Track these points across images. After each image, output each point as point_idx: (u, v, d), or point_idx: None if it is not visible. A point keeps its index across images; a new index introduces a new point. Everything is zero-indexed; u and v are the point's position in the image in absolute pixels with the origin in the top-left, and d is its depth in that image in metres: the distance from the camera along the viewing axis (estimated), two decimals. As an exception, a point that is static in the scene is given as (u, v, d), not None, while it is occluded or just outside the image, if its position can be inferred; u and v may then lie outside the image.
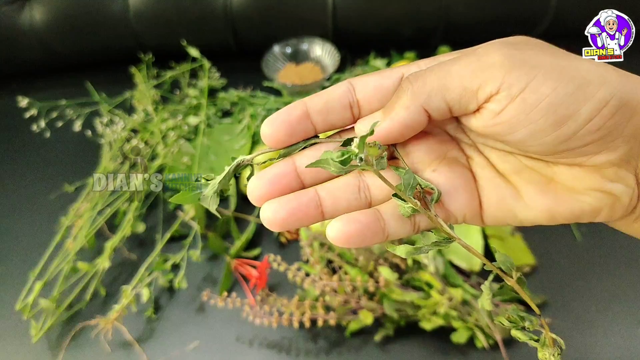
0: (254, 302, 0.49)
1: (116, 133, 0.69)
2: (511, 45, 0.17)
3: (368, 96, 0.20)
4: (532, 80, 0.16)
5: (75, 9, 0.83)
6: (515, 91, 0.16)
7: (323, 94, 0.20)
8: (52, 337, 0.52)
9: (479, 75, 0.17)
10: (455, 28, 0.84)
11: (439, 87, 0.17)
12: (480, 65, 0.17)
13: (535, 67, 0.16)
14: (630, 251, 0.54)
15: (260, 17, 0.84)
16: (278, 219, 0.20)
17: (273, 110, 0.74)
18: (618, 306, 0.49)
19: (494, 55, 0.17)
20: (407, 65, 0.21)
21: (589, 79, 0.16)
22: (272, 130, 0.20)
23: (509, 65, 0.16)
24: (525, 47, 0.17)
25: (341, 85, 0.20)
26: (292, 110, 0.20)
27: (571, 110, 0.16)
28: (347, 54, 0.84)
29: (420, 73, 0.18)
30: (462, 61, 0.17)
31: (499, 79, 0.16)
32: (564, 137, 0.17)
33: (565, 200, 0.19)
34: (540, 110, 0.16)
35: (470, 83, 0.17)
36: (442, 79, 0.17)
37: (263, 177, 0.20)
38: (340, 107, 0.20)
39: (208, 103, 0.76)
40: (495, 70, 0.16)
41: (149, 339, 0.51)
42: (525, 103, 0.16)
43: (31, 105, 0.74)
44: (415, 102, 0.18)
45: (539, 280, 0.52)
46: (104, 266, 0.53)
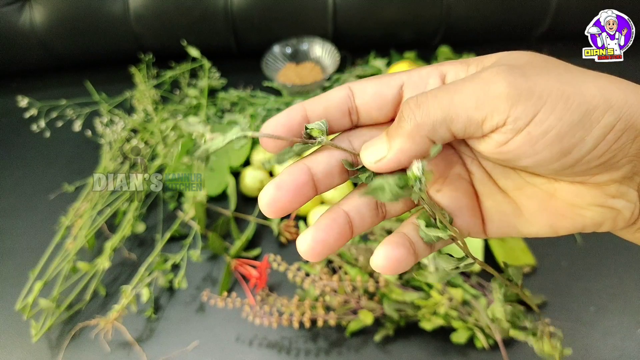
0: (254, 302, 0.49)
1: (116, 133, 0.69)
2: (517, 70, 0.16)
3: (367, 103, 0.20)
4: (539, 113, 0.16)
5: (75, 9, 0.83)
6: (521, 125, 0.16)
7: (322, 99, 0.20)
8: (52, 337, 0.52)
9: (484, 107, 0.16)
10: (456, 28, 0.84)
11: (443, 118, 0.17)
12: (486, 96, 0.16)
13: (541, 98, 0.16)
14: (629, 252, 0.54)
15: (260, 17, 0.84)
16: (324, 251, 0.19)
17: (273, 110, 0.74)
18: (617, 307, 0.49)
19: (500, 85, 0.16)
20: (408, 73, 0.20)
21: (594, 105, 0.16)
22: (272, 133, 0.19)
23: (515, 97, 0.16)
24: (531, 70, 0.16)
25: (341, 90, 0.20)
26: (292, 115, 0.19)
27: (577, 139, 0.16)
28: (347, 54, 0.84)
29: (422, 100, 0.17)
30: (467, 89, 0.17)
31: (504, 112, 0.16)
32: (569, 164, 0.17)
33: (567, 216, 0.19)
34: (546, 142, 0.16)
35: (475, 114, 0.16)
36: (446, 110, 0.17)
37: (282, 187, 0.19)
38: (339, 114, 0.20)
39: (208, 103, 0.76)
40: (501, 103, 0.16)
41: (149, 339, 0.51)
42: (531, 136, 0.16)
43: (31, 105, 0.74)
44: (420, 133, 0.17)
45: (539, 281, 0.52)
46: (104, 266, 0.53)
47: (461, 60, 0.20)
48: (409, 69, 0.20)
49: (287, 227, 0.58)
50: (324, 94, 0.20)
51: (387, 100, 0.20)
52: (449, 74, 0.20)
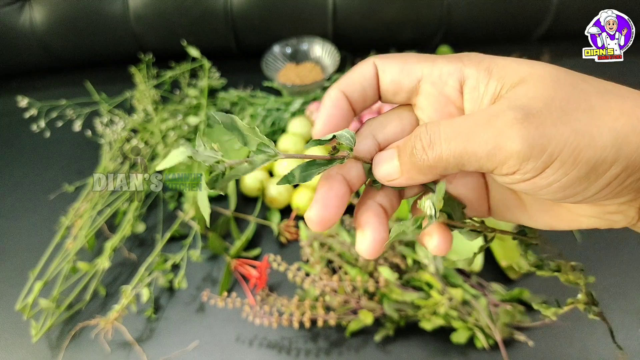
0: (254, 302, 0.49)
1: (116, 133, 0.69)
2: (533, 119, 0.16)
3: (384, 87, 0.21)
4: (547, 169, 0.16)
5: (75, 9, 0.83)
6: (528, 177, 0.17)
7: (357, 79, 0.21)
8: (52, 337, 0.52)
9: (495, 159, 0.17)
10: (456, 28, 0.84)
11: (455, 163, 0.17)
12: (499, 151, 0.16)
13: (552, 156, 0.16)
14: (630, 251, 0.54)
15: (260, 17, 0.84)
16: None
17: (273, 110, 0.74)
18: (619, 306, 0.49)
19: (514, 143, 0.16)
20: (431, 66, 0.20)
21: (603, 158, 0.16)
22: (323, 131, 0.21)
23: (526, 154, 0.16)
24: (548, 116, 0.16)
25: (369, 67, 0.21)
26: (338, 104, 0.21)
27: (580, 189, 0.17)
28: (347, 54, 0.84)
29: (435, 139, 0.18)
30: (480, 138, 0.17)
31: (514, 167, 0.16)
32: (572, 201, 0.18)
33: (566, 219, 0.21)
34: (550, 190, 0.17)
35: (486, 164, 0.17)
36: (458, 157, 0.17)
37: (328, 205, 0.20)
38: (372, 92, 0.21)
39: (208, 103, 0.76)
40: (513, 160, 0.16)
41: (149, 339, 0.51)
42: (536, 185, 0.17)
43: (31, 105, 0.74)
44: (432, 172, 0.18)
45: (538, 280, 0.52)
46: (104, 266, 0.53)
47: (485, 63, 0.19)
48: (431, 60, 0.20)
49: (287, 227, 0.58)
50: (354, 74, 0.21)
51: (402, 89, 0.21)
52: (469, 82, 0.19)
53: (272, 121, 0.73)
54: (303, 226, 0.58)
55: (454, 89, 0.20)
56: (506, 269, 0.52)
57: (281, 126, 0.72)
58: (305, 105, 0.74)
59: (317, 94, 0.76)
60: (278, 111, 0.74)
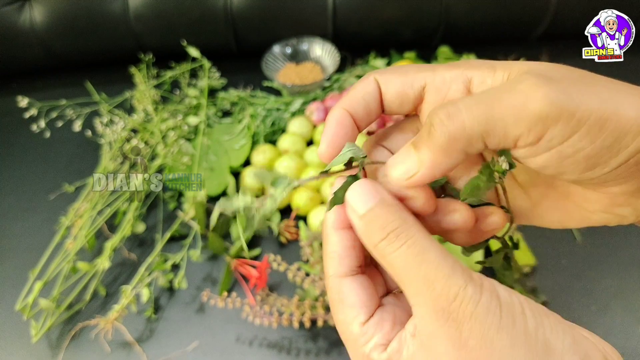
0: (254, 302, 0.49)
1: (116, 133, 0.69)
2: (557, 85, 0.16)
3: (389, 100, 0.21)
4: (574, 135, 0.16)
5: (75, 9, 0.83)
6: (554, 144, 0.16)
7: (359, 96, 0.21)
8: (52, 337, 0.52)
9: (522, 124, 0.16)
10: (456, 28, 0.84)
11: (479, 132, 0.16)
12: (525, 113, 0.16)
13: (580, 121, 0.15)
14: (630, 251, 0.54)
15: (260, 17, 0.84)
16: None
17: (273, 110, 0.74)
18: (618, 306, 0.49)
19: (541, 103, 0.15)
20: (432, 73, 0.20)
21: (627, 130, 0.15)
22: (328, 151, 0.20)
23: (555, 117, 0.15)
24: (571, 86, 0.16)
25: (369, 83, 0.21)
26: (341, 122, 0.20)
27: (603, 161, 0.16)
28: (347, 54, 0.84)
29: (454, 111, 0.17)
30: (505, 102, 0.16)
31: (542, 131, 0.16)
32: (589, 177, 0.17)
33: (576, 216, 0.20)
34: (574, 160, 0.16)
35: (512, 130, 0.16)
36: (483, 124, 0.16)
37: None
38: (375, 106, 0.21)
39: (208, 103, 0.76)
40: (541, 122, 0.16)
41: (149, 339, 0.51)
42: (561, 154, 0.16)
43: (31, 105, 0.74)
44: (456, 147, 0.17)
45: (539, 281, 0.52)
46: (104, 266, 0.53)
47: (487, 63, 0.19)
48: (432, 69, 0.20)
49: (287, 227, 0.58)
50: (356, 91, 0.21)
51: (408, 100, 0.21)
52: (475, 80, 0.19)
53: (272, 121, 0.73)
54: (303, 226, 0.58)
55: (458, 92, 0.19)
56: (506, 269, 0.52)
57: (281, 126, 0.72)
58: (305, 105, 0.74)
59: (317, 94, 0.76)
60: (278, 111, 0.74)
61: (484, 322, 0.15)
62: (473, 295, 0.15)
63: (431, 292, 0.16)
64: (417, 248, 0.16)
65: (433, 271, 0.16)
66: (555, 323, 0.15)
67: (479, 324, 0.15)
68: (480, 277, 0.16)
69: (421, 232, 0.17)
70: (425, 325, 0.16)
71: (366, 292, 0.19)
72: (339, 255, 0.19)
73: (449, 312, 0.15)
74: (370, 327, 0.18)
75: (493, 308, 0.15)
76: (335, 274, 0.19)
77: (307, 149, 0.66)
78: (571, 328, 0.16)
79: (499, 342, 0.15)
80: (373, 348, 0.17)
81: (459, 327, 0.15)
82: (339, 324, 0.19)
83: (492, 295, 0.15)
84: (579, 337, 0.15)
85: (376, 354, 0.17)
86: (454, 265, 0.16)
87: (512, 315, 0.15)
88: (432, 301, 0.16)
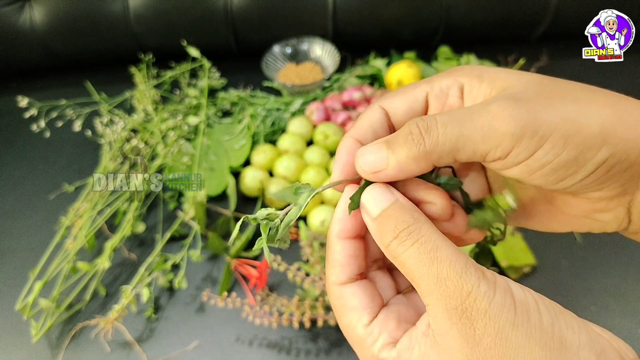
0: (254, 302, 0.49)
1: (116, 133, 0.69)
2: (524, 105, 0.17)
3: (401, 121, 0.21)
4: (539, 150, 0.17)
5: (75, 9, 0.83)
6: (521, 158, 0.17)
7: (365, 126, 0.21)
8: (52, 337, 0.52)
9: (489, 141, 0.17)
10: (456, 28, 0.84)
11: (450, 149, 0.18)
12: (492, 132, 0.17)
13: (543, 137, 0.16)
14: (630, 251, 0.54)
15: (260, 17, 0.84)
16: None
17: (273, 110, 0.74)
18: (619, 306, 0.49)
19: (506, 123, 0.17)
20: (430, 83, 0.21)
21: (591, 143, 0.16)
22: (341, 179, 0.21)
23: (519, 136, 0.17)
24: (537, 103, 0.17)
25: (375, 112, 0.21)
26: (351, 151, 0.21)
27: (571, 172, 0.17)
28: (347, 54, 0.84)
29: (432, 126, 0.18)
30: (475, 123, 0.17)
31: (508, 148, 0.17)
32: (561, 188, 0.18)
33: (560, 221, 0.21)
34: (541, 173, 0.17)
35: (480, 147, 0.17)
36: (454, 142, 0.17)
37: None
38: (384, 134, 0.21)
39: (208, 103, 0.76)
40: (506, 140, 0.17)
41: (149, 339, 0.51)
42: (530, 167, 0.17)
43: (31, 105, 0.74)
44: (427, 159, 0.18)
45: (539, 280, 0.52)
46: (104, 266, 0.53)
47: (476, 71, 0.20)
48: (428, 80, 0.21)
49: (287, 227, 0.58)
50: (363, 120, 0.21)
51: (417, 113, 0.21)
52: (465, 87, 0.20)
53: (272, 121, 0.73)
54: (303, 226, 0.58)
55: (456, 98, 0.20)
56: (506, 269, 0.52)
57: (281, 126, 0.72)
58: (305, 105, 0.74)
59: (317, 94, 0.76)
60: (278, 111, 0.74)
61: (498, 319, 0.15)
62: (487, 293, 0.15)
63: (444, 290, 0.16)
64: (428, 246, 0.17)
65: (445, 269, 0.16)
66: (571, 319, 0.15)
67: (494, 321, 0.15)
68: (493, 275, 0.16)
69: (433, 231, 0.17)
70: (438, 324, 0.16)
71: (367, 295, 0.19)
72: (341, 264, 0.20)
73: (462, 310, 0.15)
74: (375, 327, 0.18)
75: (507, 305, 0.15)
76: (336, 281, 0.20)
77: (307, 149, 0.66)
78: (586, 325, 0.16)
79: (514, 339, 0.15)
80: (381, 347, 0.18)
81: (473, 325, 0.15)
82: (344, 329, 0.19)
83: (506, 293, 0.15)
84: (594, 335, 0.15)
85: (385, 352, 0.17)
86: (466, 262, 0.16)
87: (527, 312, 0.15)
88: (445, 299, 0.16)
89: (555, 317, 0.15)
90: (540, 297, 0.16)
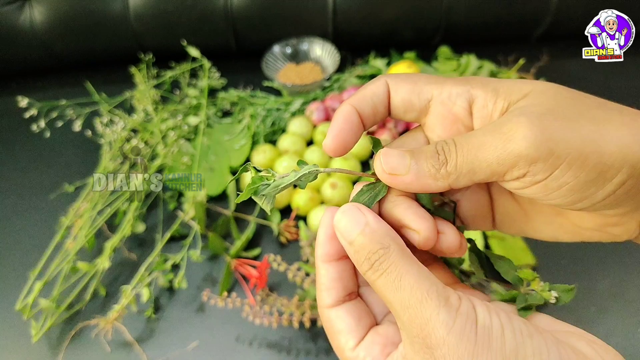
0: (254, 302, 0.49)
1: (116, 133, 0.69)
2: (538, 124, 0.17)
3: (395, 105, 0.22)
4: (556, 170, 0.17)
5: (75, 9, 0.83)
6: (539, 178, 0.17)
7: (368, 96, 0.21)
8: (52, 337, 0.52)
9: (505, 163, 0.17)
10: (456, 28, 0.84)
11: (467, 172, 0.18)
12: (507, 154, 0.17)
13: (559, 158, 0.16)
14: (631, 252, 0.54)
15: (260, 17, 0.84)
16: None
17: (273, 110, 0.74)
18: (619, 306, 0.49)
19: (521, 144, 0.17)
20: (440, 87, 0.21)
21: (610, 164, 0.16)
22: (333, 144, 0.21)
23: (534, 156, 0.16)
24: (553, 122, 0.17)
25: (380, 85, 0.21)
26: (349, 119, 0.21)
27: (588, 194, 0.17)
28: (347, 54, 0.84)
29: (451, 153, 0.18)
30: (489, 146, 0.17)
31: (524, 168, 0.17)
32: (578, 207, 0.18)
33: (569, 232, 0.21)
34: (560, 193, 0.17)
35: (497, 168, 0.17)
36: (471, 164, 0.18)
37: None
38: (382, 108, 0.21)
39: (208, 103, 0.76)
40: (522, 161, 0.17)
41: (149, 339, 0.51)
42: (547, 188, 0.17)
43: (31, 105, 0.74)
44: (445, 181, 0.19)
45: (539, 280, 0.52)
46: (104, 266, 0.53)
47: (492, 84, 0.20)
48: (440, 82, 0.21)
49: (287, 227, 0.58)
50: (366, 90, 0.21)
51: (413, 108, 0.21)
52: (478, 101, 0.20)
53: (272, 121, 0.73)
54: (303, 226, 0.58)
55: (462, 109, 0.20)
56: (506, 269, 0.52)
57: (281, 126, 0.72)
58: (305, 105, 0.74)
59: (317, 94, 0.76)
60: (278, 111, 0.74)
61: (457, 348, 0.15)
62: (445, 321, 0.15)
63: (407, 318, 0.16)
64: (393, 275, 0.17)
65: (407, 297, 0.16)
66: (540, 344, 0.15)
67: (452, 350, 0.15)
68: (458, 300, 0.16)
69: (400, 257, 0.17)
70: (406, 350, 0.17)
71: (354, 317, 0.19)
72: (327, 288, 0.20)
73: (422, 338, 0.15)
74: (360, 351, 0.19)
75: (467, 333, 0.15)
76: (323, 305, 0.20)
77: (307, 149, 0.66)
78: (560, 346, 0.16)
79: None
80: None
81: (433, 354, 0.15)
82: (335, 350, 0.20)
83: (468, 319, 0.15)
84: (567, 356, 0.15)
85: None
86: (429, 289, 0.16)
87: (489, 339, 0.15)
88: (408, 327, 0.16)
89: (522, 343, 0.15)
90: (510, 321, 0.16)
